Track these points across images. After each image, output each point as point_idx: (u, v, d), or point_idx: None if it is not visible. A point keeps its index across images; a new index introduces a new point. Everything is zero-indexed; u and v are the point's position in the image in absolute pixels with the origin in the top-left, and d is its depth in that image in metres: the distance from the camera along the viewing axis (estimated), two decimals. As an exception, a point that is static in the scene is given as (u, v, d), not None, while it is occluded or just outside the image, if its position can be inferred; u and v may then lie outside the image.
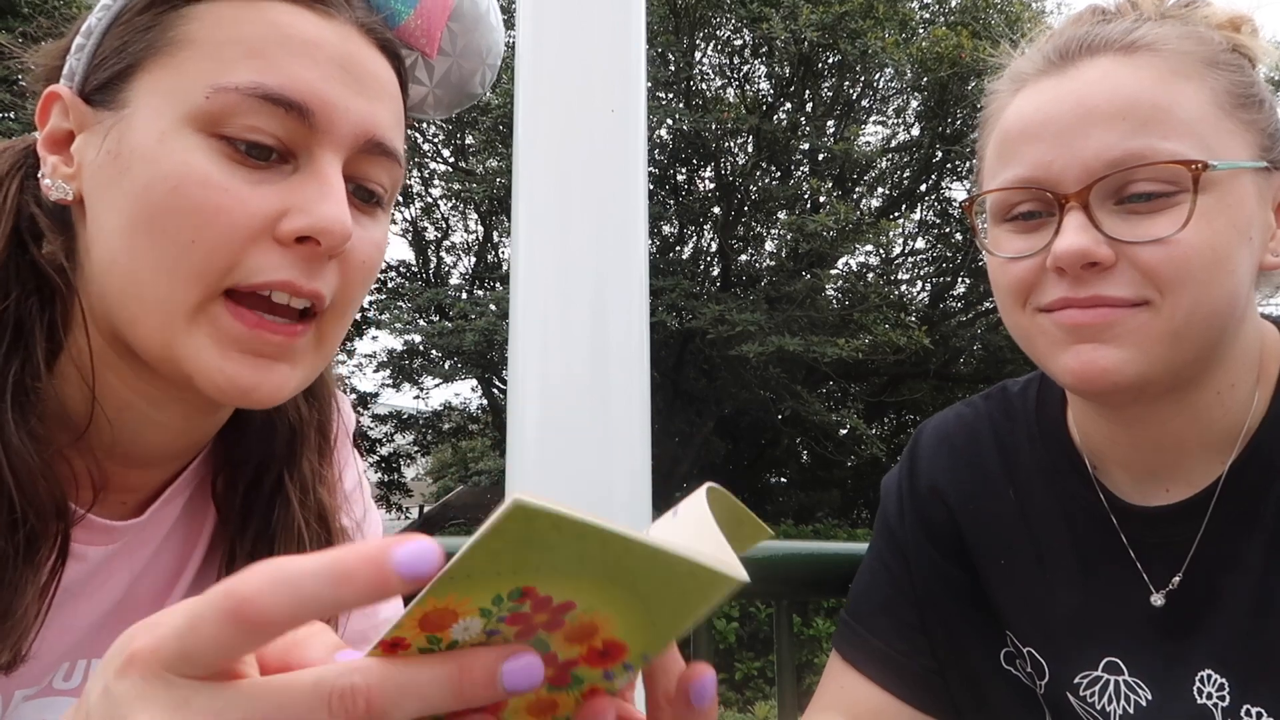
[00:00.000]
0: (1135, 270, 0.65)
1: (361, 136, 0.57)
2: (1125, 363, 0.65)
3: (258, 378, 0.54)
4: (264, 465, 0.67)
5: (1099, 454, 0.78)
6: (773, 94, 10.08)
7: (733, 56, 9.99)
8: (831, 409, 10.24)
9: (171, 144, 0.52)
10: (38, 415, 0.54)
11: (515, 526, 0.30)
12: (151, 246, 0.52)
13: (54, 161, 0.57)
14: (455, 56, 0.69)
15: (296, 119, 0.54)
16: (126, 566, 0.62)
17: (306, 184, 0.54)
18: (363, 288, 0.60)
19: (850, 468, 10.52)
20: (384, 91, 0.59)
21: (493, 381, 10.26)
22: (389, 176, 0.60)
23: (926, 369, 10.21)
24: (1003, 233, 0.72)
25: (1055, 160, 0.67)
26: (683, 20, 9.18)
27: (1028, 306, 0.70)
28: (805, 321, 8.71)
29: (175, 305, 0.53)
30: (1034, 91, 0.71)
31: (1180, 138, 0.64)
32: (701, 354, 9.38)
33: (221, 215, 0.52)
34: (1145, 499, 0.74)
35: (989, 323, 10.71)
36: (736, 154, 10.00)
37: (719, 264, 10.33)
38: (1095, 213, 0.66)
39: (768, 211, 9.95)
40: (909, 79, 9.46)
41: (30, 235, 0.57)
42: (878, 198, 10.73)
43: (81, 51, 0.58)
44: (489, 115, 8.57)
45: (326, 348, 0.60)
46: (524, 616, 0.33)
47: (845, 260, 10.15)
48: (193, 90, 0.53)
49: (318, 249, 0.54)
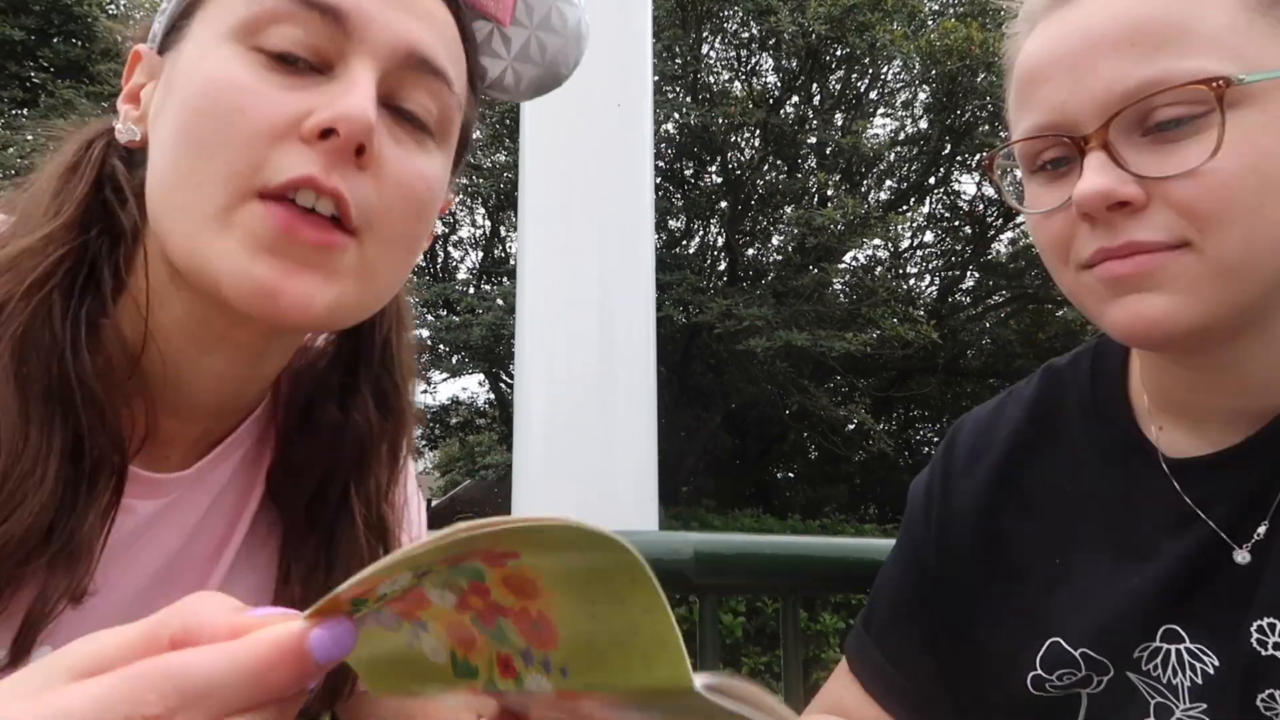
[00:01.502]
0: (1169, 209, 0.58)
1: (401, 48, 0.55)
2: (1176, 310, 0.59)
3: (284, 282, 0.52)
4: (329, 474, 0.66)
5: (1173, 408, 0.71)
6: (780, 87, 10.04)
7: (740, 50, 9.95)
8: (839, 404, 10.22)
9: (210, 56, 0.54)
10: (99, 350, 0.56)
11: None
12: (186, 153, 0.53)
13: (126, 109, 0.60)
14: (533, 29, 0.67)
15: (331, 24, 0.53)
16: (177, 525, 0.63)
17: (334, 87, 0.54)
18: (405, 212, 0.57)
19: (858, 463, 10.50)
20: (433, 20, 0.58)
21: (500, 376, 10.28)
22: (435, 100, 0.58)
23: (935, 363, 10.18)
24: (1034, 186, 0.67)
25: (1068, 100, 0.61)
26: (689, 14, 9.15)
27: (1070, 264, 0.65)
28: (812, 316, 8.69)
29: (204, 206, 0.52)
30: (1043, 28, 0.65)
31: (1203, 53, 0.57)
32: (708, 348, 9.37)
33: (248, 114, 0.52)
34: (1217, 444, 0.68)
35: (998, 317, 10.67)
36: (743, 148, 9.97)
37: (726, 258, 10.31)
38: (1118, 149, 0.60)
39: (775, 206, 9.92)
40: (917, 72, 9.41)
41: (110, 184, 0.59)
42: (886, 191, 10.69)
43: (163, 14, 0.60)
44: (495, 110, 8.56)
45: (369, 275, 0.57)
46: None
47: (853, 254, 10.11)
48: (234, 6, 0.54)
49: (339, 141, 0.52)
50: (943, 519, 0.81)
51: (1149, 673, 0.68)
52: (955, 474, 0.82)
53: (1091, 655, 0.70)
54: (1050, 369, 0.82)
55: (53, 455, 0.52)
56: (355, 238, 0.55)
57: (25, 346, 0.53)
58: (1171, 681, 0.67)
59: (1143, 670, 0.69)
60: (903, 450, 10.77)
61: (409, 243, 0.59)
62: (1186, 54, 0.57)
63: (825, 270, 9.13)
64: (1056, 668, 0.72)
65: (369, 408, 0.67)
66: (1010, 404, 0.83)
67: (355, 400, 0.67)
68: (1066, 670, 0.71)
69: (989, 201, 9.94)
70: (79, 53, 7.77)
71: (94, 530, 0.55)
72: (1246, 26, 0.58)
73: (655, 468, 2.81)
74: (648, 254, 2.88)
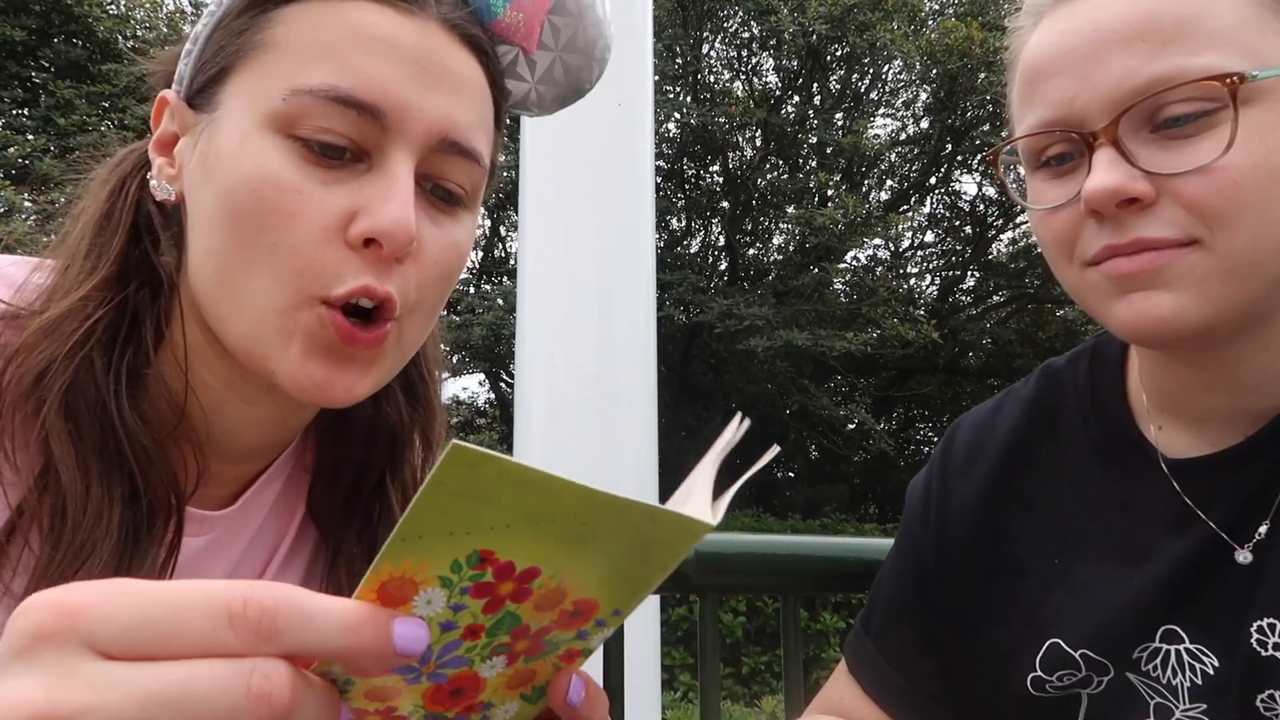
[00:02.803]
0: (1179, 206, 0.58)
1: (436, 136, 0.56)
2: (1183, 308, 0.59)
3: (334, 378, 0.56)
4: (365, 467, 0.69)
5: (1172, 407, 0.71)
6: (781, 87, 10.03)
7: (740, 50, 9.95)
8: (839, 403, 10.21)
9: (251, 146, 0.54)
10: (146, 401, 0.58)
11: (457, 475, 0.29)
12: (240, 246, 0.54)
13: (160, 163, 0.60)
14: (558, 51, 0.67)
15: (369, 120, 0.54)
16: (223, 556, 0.65)
17: (375, 184, 0.55)
18: (439, 288, 0.60)
19: (858, 462, 10.49)
20: (464, 89, 0.58)
21: (500, 376, 10.27)
22: (468, 177, 0.60)
23: (935, 363, 10.17)
24: (1038, 182, 0.66)
25: (1077, 96, 0.60)
26: (690, 13, 9.14)
27: (1074, 261, 0.64)
28: (813, 315, 8.68)
29: (268, 305, 0.54)
30: (1049, 22, 0.64)
31: (1214, 49, 0.57)
32: (709, 348, 9.37)
33: (298, 218, 0.53)
34: (1216, 444, 0.68)
35: (998, 316, 10.66)
36: (744, 148, 9.97)
37: (726, 258, 10.30)
38: (1127, 145, 0.59)
39: (775, 205, 9.91)
40: (918, 71, 9.40)
41: (146, 232, 0.60)
42: (886, 191, 10.68)
43: (189, 57, 0.60)
44: (496, 109, 8.56)
45: (404, 349, 0.61)
46: (488, 587, 0.33)
47: (853, 254, 10.10)
48: (272, 93, 0.54)
49: (384, 252, 0.54)
50: (941, 519, 0.81)
51: (1148, 673, 0.68)
52: (953, 474, 0.82)
53: (1091, 656, 0.70)
54: (1048, 369, 0.82)
55: (114, 504, 0.54)
56: (397, 320, 0.58)
57: (72, 403, 0.55)
58: (1171, 682, 0.67)
59: (1142, 671, 0.68)
60: (903, 450, 10.76)
61: (441, 305, 0.62)
62: (1197, 50, 0.57)
63: (826, 270, 9.12)
64: (1056, 668, 0.71)
65: (399, 400, 0.69)
66: (1008, 404, 0.82)
67: (385, 394, 0.68)
68: (1066, 671, 0.71)
69: (989, 201, 9.93)
70: (80, 53, 7.77)
71: (156, 572, 0.57)
72: (1256, 23, 0.58)
73: (656, 467, 2.81)
74: (648, 254, 2.88)
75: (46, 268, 0.60)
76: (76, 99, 7.44)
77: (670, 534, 0.34)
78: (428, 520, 0.30)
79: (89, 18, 7.75)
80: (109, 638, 0.29)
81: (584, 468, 2.64)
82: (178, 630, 0.29)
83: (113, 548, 0.54)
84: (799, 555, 1.19)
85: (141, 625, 0.29)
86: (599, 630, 0.38)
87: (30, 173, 6.69)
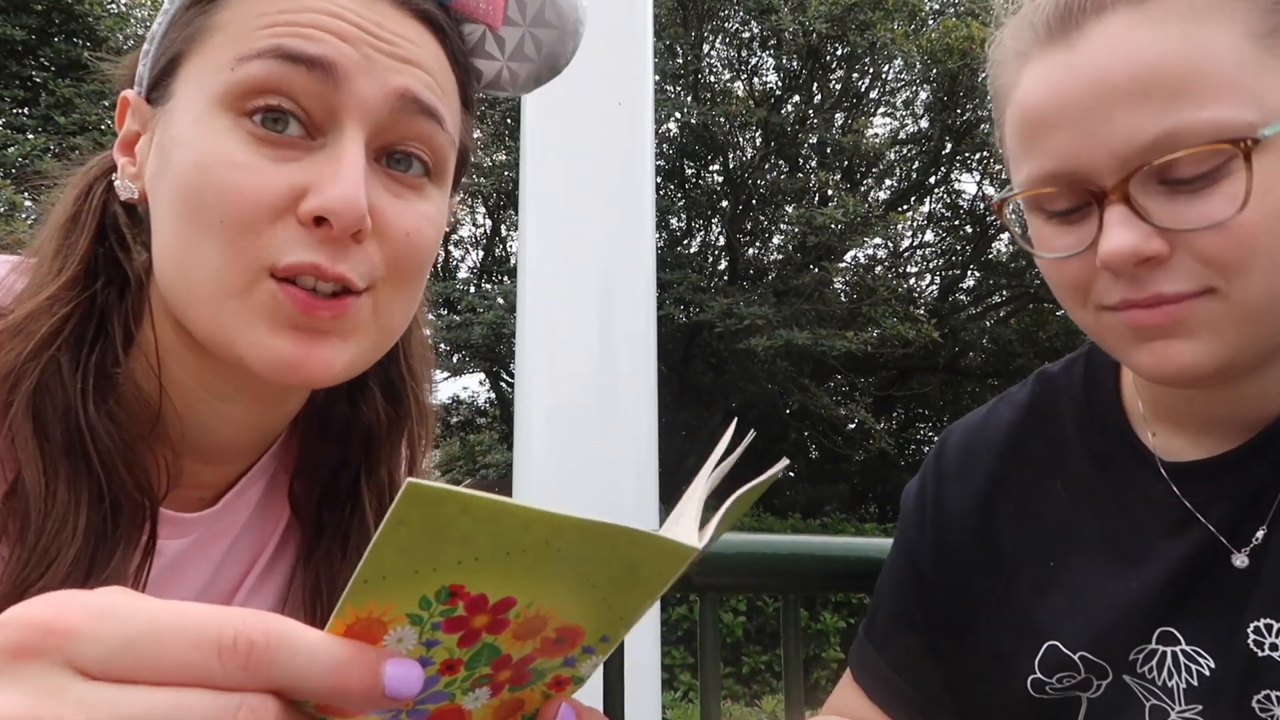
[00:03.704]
0: (1194, 260, 0.58)
1: (391, 94, 0.55)
2: (1204, 354, 0.59)
3: (306, 353, 0.54)
4: (340, 466, 0.67)
5: (1168, 416, 0.72)
6: (781, 86, 10.03)
7: (741, 49, 9.94)
8: (840, 403, 10.21)
9: (203, 128, 0.53)
10: (116, 401, 0.56)
11: (418, 514, 0.28)
12: (193, 229, 0.53)
13: (123, 163, 0.60)
14: (526, 26, 0.65)
15: (320, 77, 0.53)
16: (205, 559, 0.64)
17: (325, 161, 0.53)
18: (412, 260, 0.58)
19: (859, 462, 10.49)
20: (418, 57, 0.57)
21: (501, 375, 10.27)
22: (429, 141, 0.58)
23: (935, 362, 10.17)
24: (1043, 226, 0.66)
25: (1082, 151, 0.60)
26: (690, 13, 9.13)
27: (1089, 304, 0.64)
28: (813, 315, 8.68)
29: (220, 285, 0.53)
30: (1043, 68, 0.62)
31: (1219, 98, 0.56)
32: (709, 347, 9.36)
33: (245, 193, 0.52)
34: (1213, 449, 0.68)
35: (998, 316, 10.66)
36: (744, 147, 9.96)
37: (727, 257, 10.30)
38: (1139, 201, 0.59)
39: (776, 205, 9.91)
40: (918, 70, 9.39)
41: (112, 232, 0.59)
42: (886, 190, 10.68)
43: (147, 57, 0.60)
44: (497, 109, 8.56)
45: (383, 323, 0.59)
46: (461, 621, 0.32)
47: (854, 253, 10.10)
48: (220, 68, 0.53)
49: (333, 231, 0.53)
50: (937, 525, 0.81)
51: (1144, 675, 0.68)
52: (948, 479, 0.82)
53: (1090, 658, 0.70)
54: (1043, 374, 0.82)
55: (81, 508, 0.53)
56: (365, 294, 0.56)
57: (39, 404, 0.54)
58: (1167, 684, 0.67)
59: (1138, 673, 0.69)
60: (903, 449, 10.76)
61: (417, 282, 0.60)
62: (1203, 102, 0.56)
63: (826, 269, 9.12)
64: (1055, 670, 0.72)
65: (377, 398, 0.68)
66: (1002, 409, 0.83)
67: (363, 392, 0.68)
68: (1066, 673, 0.71)
69: (989, 201, 9.92)
70: (80, 52, 7.77)
71: (130, 577, 0.56)
72: (1254, 60, 0.57)
73: (656, 467, 2.80)
74: (648, 253, 2.88)
75: (23, 268, 0.60)
76: (77, 98, 7.44)
77: (654, 558, 0.33)
78: (389, 561, 0.29)
79: (89, 16, 7.75)
80: (95, 660, 0.29)
81: (583, 466, 2.63)
82: (165, 658, 0.29)
83: (78, 552, 0.53)
84: (799, 555, 1.19)
85: (128, 649, 0.29)
86: (587, 657, 0.36)
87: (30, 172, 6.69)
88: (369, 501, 0.67)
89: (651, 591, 0.34)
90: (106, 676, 0.29)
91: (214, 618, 0.30)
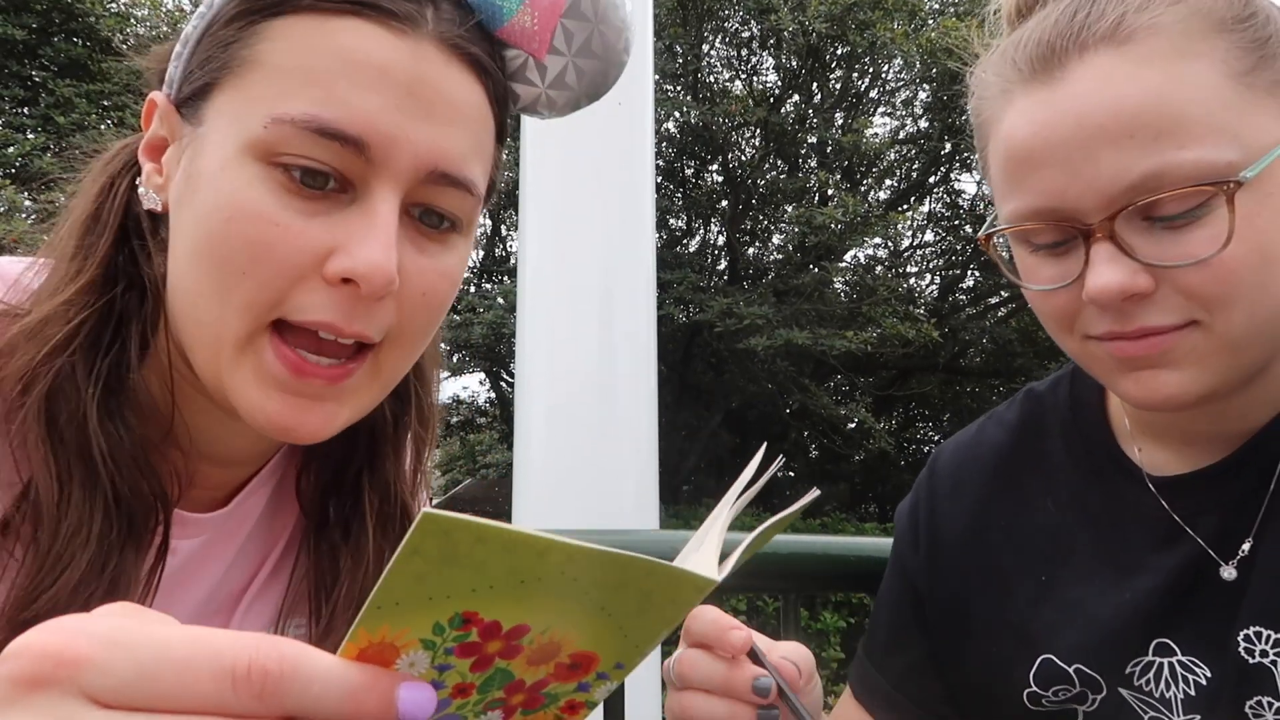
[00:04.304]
0: (1178, 294, 0.60)
1: (424, 168, 0.54)
2: (1190, 382, 0.61)
3: (299, 418, 0.54)
4: (344, 464, 0.67)
5: (1154, 432, 0.73)
6: (781, 86, 10.03)
7: (740, 49, 9.94)
8: (840, 402, 10.21)
9: (231, 174, 0.52)
10: (129, 407, 0.56)
11: (433, 543, 0.28)
12: (208, 273, 0.53)
13: (149, 169, 0.59)
14: (570, 56, 0.63)
15: (353, 152, 0.52)
16: (217, 558, 0.64)
17: (356, 220, 0.52)
18: (426, 319, 0.58)
19: (859, 462, 10.49)
20: (458, 116, 0.56)
21: (501, 375, 10.28)
22: (459, 206, 0.57)
23: (935, 362, 10.17)
24: (1029, 258, 0.67)
25: (1068, 189, 0.61)
26: (690, 12, 9.13)
27: (1075, 333, 0.66)
28: (813, 314, 8.68)
29: (224, 335, 0.53)
30: (1027, 105, 0.63)
31: (1200, 139, 0.57)
32: (709, 347, 9.36)
33: (274, 250, 0.51)
34: (1197, 463, 0.70)
35: (998, 316, 10.66)
36: (744, 147, 9.96)
37: (726, 257, 10.30)
38: (1124, 239, 0.60)
39: (775, 204, 9.91)
40: (918, 70, 9.39)
41: (134, 235, 0.58)
42: (886, 190, 10.68)
43: (179, 60, 0.58)
44: (496, 108, 8.56)
45: (385, 379, 0.59)
46: (474, 646, 0.32)
47: (853, 253, 10.10)
48: (254, 117, 0.52)
49: (360, 292, 0.52)
50: (931, 543, 0.83)
51: (1141, 687, 0.69)
52: (940, 497, 0.83)
53: (1085, 671, 0.71)
54: (1030, 392, 0.84)
55: (95, 512, 0.53)
56: (369, 353, 0.56)
57: (53, 408, 0.53)
58: (1165, 695, 0.68)
59: (1135, 685, 0.69)
60: (903, 449, 10.76)
61: (426, 337, 0.60)
62: (1185, 142, 0.57)
63: (826, 269, 9.12)
64: (1051, 683, 0.73)
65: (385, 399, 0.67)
66: (990, 427, 0.84)
67: None
68: (1061, 686, 0.72)
69: (989, 201, 9.91)
70: (80, 51, 7.77)
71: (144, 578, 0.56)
72: (1235, 99, 0.58)
73: (656, 466, 2.80)
74: (648, 253, 2.88)
75: (38, 267, 0.59)
76: (77, 97, 7.44)
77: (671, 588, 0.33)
78: (403, 588, 0.29)
79: (90, 16, 7.75)
80: (107, 690, 0.29)
81: (583, 466, 2.64)
82: (179, 688, 0.29)
83: (92, 556, 0.52)
84: (799, 555, 1.19)
85: (141, 679, 0.29)
86: (601, 683, 0.36)
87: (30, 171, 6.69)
88: (370, 499, 0.68)
89: (669, 620, 0.35)
90: (119, 705, 0.29)
91: (229, 646, 0.29)
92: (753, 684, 0.59)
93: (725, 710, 0.59)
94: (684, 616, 0.34)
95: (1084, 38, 0.61)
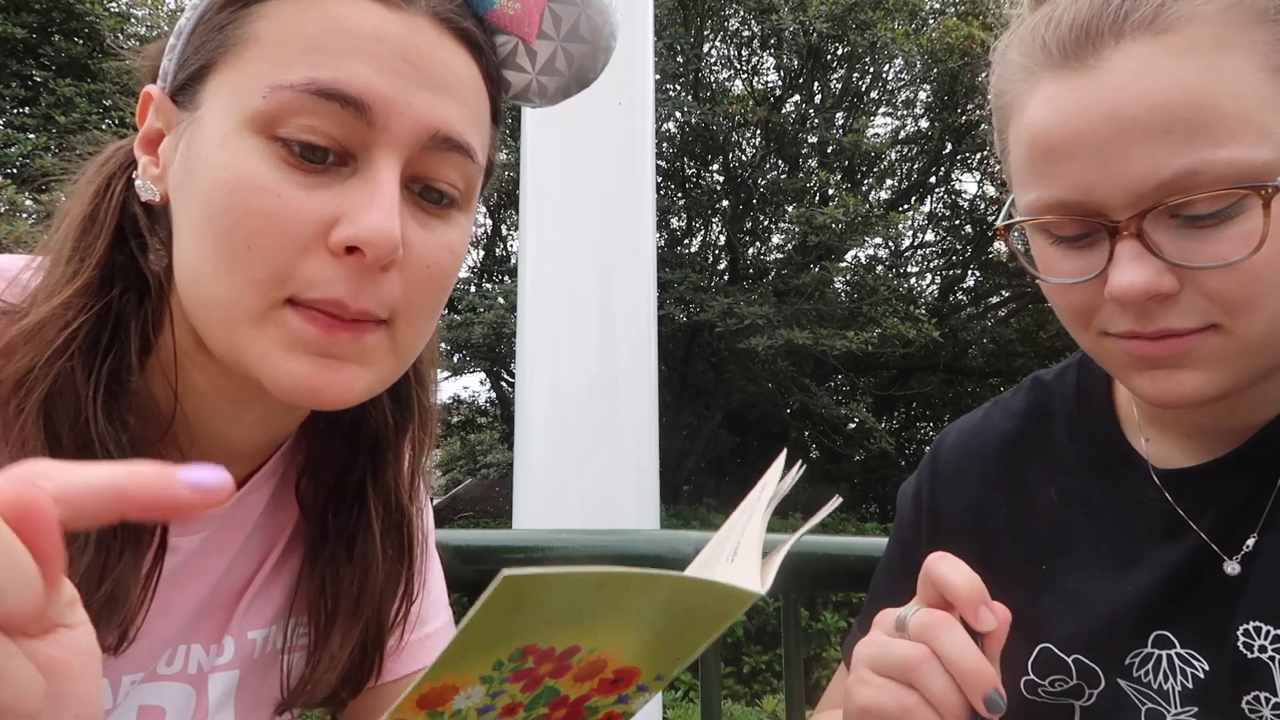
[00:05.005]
0: (1201, 296, 0.58)
1: (425, 132, 0.54)
2: (1207, 383, 0.60)
3: (325, 378, 0.54)
4: (347, 469, 0.68)
5: (1161, 423, 0.72)
6: (781, 86, 10.03)
7: (741, 49, 9.95)
8: (840, 402, 10.22)
9: (231, 147, 0.52)
10: (129, 409, 0.56)
11: (506, 599, 0.29)
12: (214, 249, 0.53)
13: (145, 162, 0.58)
14: (559, 41, 0.64)
15: (353, 115, 0.52)
16: (218, 555, 0.65)
17: (359, 189, 0.53)
18: (432, 292, 0.58)
19: (859, 461, 10.50)
20: (455, 83, 0.56)
21: (501, 375, 10.28)
22: (461, 174, 0.57)
23: (936, 362, 10.17)
24: (1048, 249, 0.65)
25: (1096, 184, 0.58)
26: (690, 12, 9.14)
27: (1092, 328, 0.65)
28: (814, 314, 8.68)
29: (237, 311, 0.53)
30: (1056, 91, 0.60)
31: (1237, 137, 0.55)
32: (709, 347, 9.37)
33: (275, 221, 0.51)
34: (1204, 456, 0.69)
35: (999, 315, 10.66)
36: (745, 147, 9.97)
37: (727, 257, 10.30)
38: (1152, 237, 0.58)
39: (776, 204, 9.91)
40: (918, 70, 9.39)
41: (132, 234, 0.58)
42: (887, 190, 10.68)
43: (173, 52, 0.58)
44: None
45: (401, 352, 0.59)
46: (527, 671, 0.33)
47: (854, 253, 10.10)
48: (253, 90, 0.52)
49: (366, 260, 0.52)
50: (933, 525, 0.83)
51: (1139, 679, 0.69)
52: (943, 481, 0.83)
53: (1084, 662, 0.71)
54: (1037, 381, 0.83)
55: None
56: (383, 325, 0.56)
57: (51, 412, 0.53)
58: (1162, 687, 0.68)
59: (1133, 677, 0.69)
60: (904, 449, 10.76)
61: (434, 311, 0.60)
62: (1221, 140, 0.55)
63: (826, 269, 9.12)
64: (1048, 673, 0.73)
65: (384, 401, 0.68)
66: (996, 413, 0.84)
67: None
68: (1058, 676, 0.72)
69: (990, 200, 9.92)
70: (80, 50, 7.77)
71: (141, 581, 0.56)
72: (1273, 95, 0.56)
73: (656, 466, 2.81)
74: (649, 253, 2.88)
75: (37, 266, 0.59)
76: (77, 97, 7.44)
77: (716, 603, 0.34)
78: (474, 641, 0.30)
79: (90, 15, 7.76)
80: None
81: (584, 466, 2.64)
82: None
83: (90, 560, 0.52)
84: (799, 555, 1.19)
85: None
86: (640, 695, 0.37)
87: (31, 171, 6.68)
88: (375, 506, 0.68)
89: (710, 632, 0.36)
90: None
91: None
92: (984, 697, 0.57)
93: (955, 701, 0.57)
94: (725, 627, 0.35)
95: (1121, 24, 0.58)
